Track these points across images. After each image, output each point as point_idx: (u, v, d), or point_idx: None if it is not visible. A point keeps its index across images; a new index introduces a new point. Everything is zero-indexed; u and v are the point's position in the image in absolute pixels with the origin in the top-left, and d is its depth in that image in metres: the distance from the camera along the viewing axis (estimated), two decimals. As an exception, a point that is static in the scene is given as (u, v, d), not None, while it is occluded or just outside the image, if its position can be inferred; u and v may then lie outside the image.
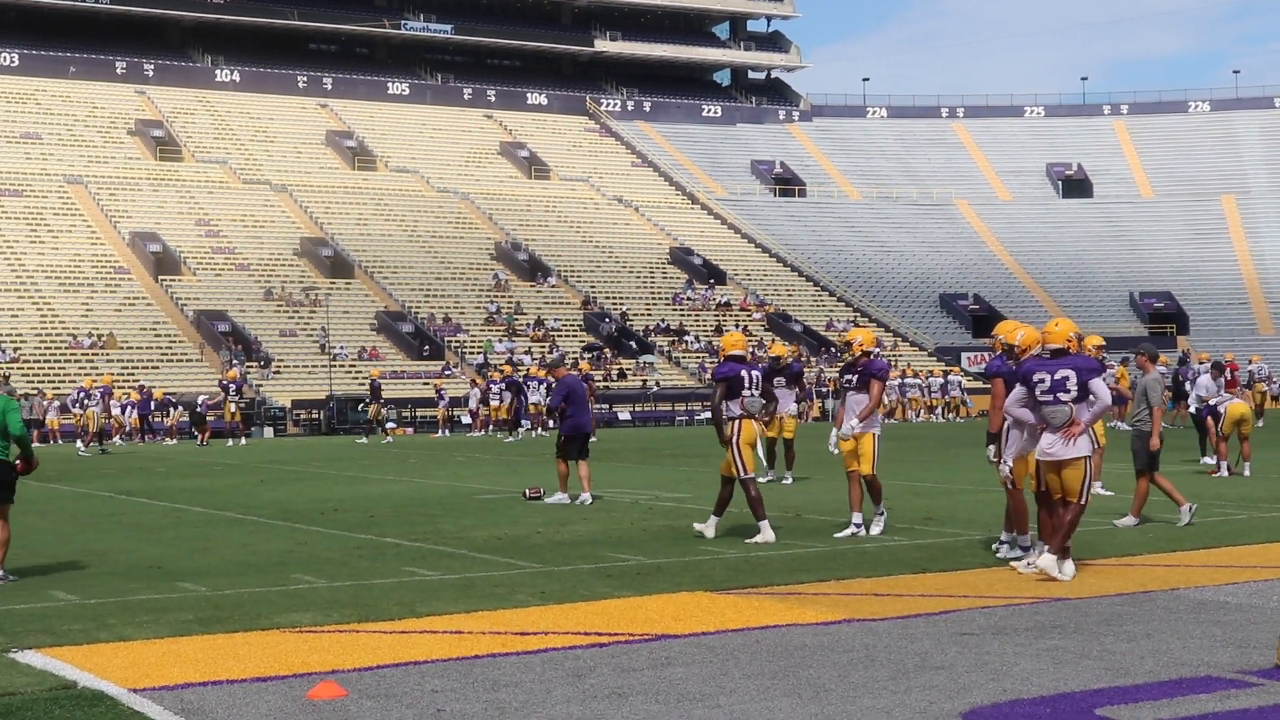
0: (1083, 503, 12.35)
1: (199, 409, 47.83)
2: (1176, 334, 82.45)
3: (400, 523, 18.08)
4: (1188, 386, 38.16)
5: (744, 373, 15.39)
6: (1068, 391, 12.24)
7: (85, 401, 44.75)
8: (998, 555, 13.69)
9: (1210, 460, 26.02)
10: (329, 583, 12.66)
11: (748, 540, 15.27)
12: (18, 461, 13.38)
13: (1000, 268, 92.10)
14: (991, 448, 13.66)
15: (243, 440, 47.59)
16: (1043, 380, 12.36)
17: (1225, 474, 23.83)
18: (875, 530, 15.78)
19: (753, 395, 15.38)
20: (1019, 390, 12.63)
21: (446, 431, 50.99)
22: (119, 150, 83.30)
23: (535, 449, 38.19)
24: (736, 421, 15.41)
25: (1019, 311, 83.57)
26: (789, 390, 23.70)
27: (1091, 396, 12.31)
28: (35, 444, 48.66)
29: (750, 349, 18.49)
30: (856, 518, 15.81)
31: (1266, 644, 9.13)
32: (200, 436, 47.37)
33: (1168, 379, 44.85)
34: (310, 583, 12.68)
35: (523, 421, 48.14)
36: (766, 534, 15.22)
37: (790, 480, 23.35)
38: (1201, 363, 32.64)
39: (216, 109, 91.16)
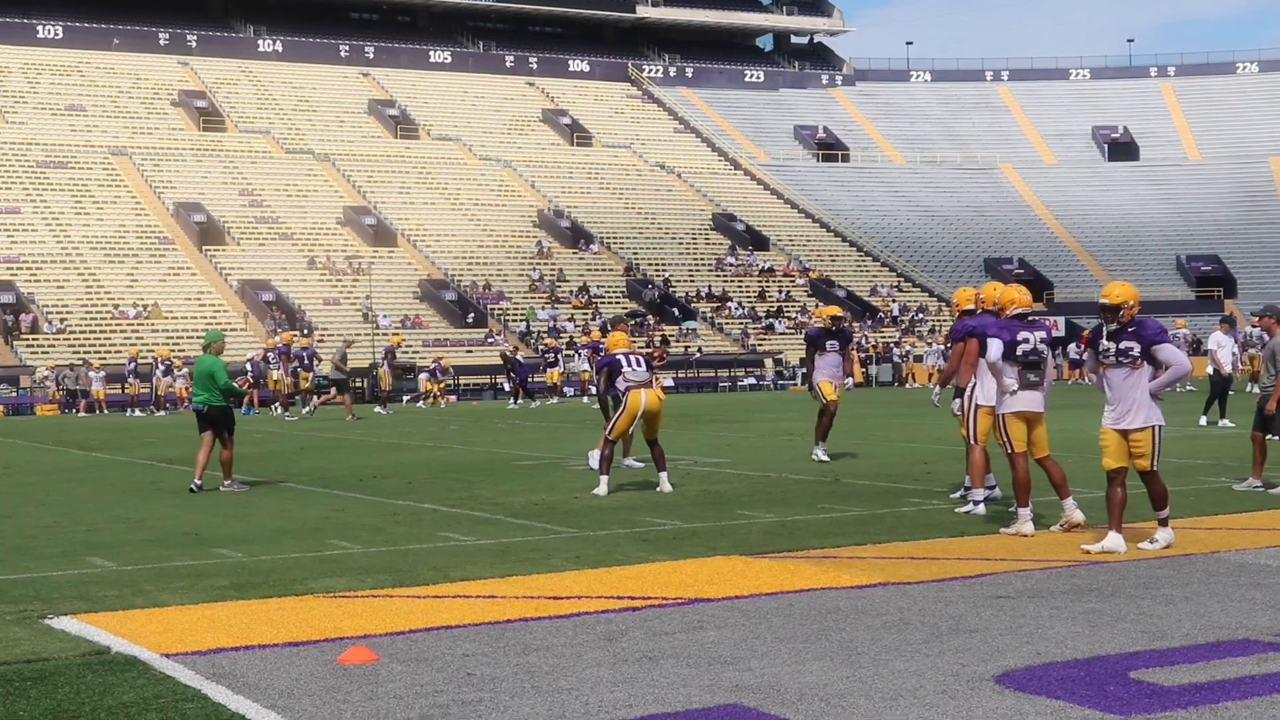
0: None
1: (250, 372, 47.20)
2: (1224, 297, 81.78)
3: (438, 489, 18.10)
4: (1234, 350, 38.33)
5: (621, 357, 17.52)
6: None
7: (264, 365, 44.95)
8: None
9: (1204, 421, 27.46)
10: (364, 548, 12.67)
11: (593, 492, 16.82)
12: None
13: (1045, 232, 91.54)
14: (957, 401, 14.58)
15: (277, 409, 47.56)
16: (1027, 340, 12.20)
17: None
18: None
19: (634, 370, 17.37)
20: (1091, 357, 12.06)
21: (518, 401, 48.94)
22: (162, 121, 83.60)
23: (576, 415, 38.22)
24: (627, 393, 17.29)
25: (1063, 276, 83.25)
26: (839, 355, 21.37)
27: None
28: (82, 413, 49.19)
29: (633, 343, 18.97)
30: (978, 494, 14.64)
31: (1306, 606, 9.03)
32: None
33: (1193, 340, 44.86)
34: (346, 548, 12.70)
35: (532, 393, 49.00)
36: (601, 489, 16.88)
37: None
38: (1254, 326, 32.66)
39: (259, 79, 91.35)
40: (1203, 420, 27.41)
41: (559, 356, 53.49)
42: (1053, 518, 13.22)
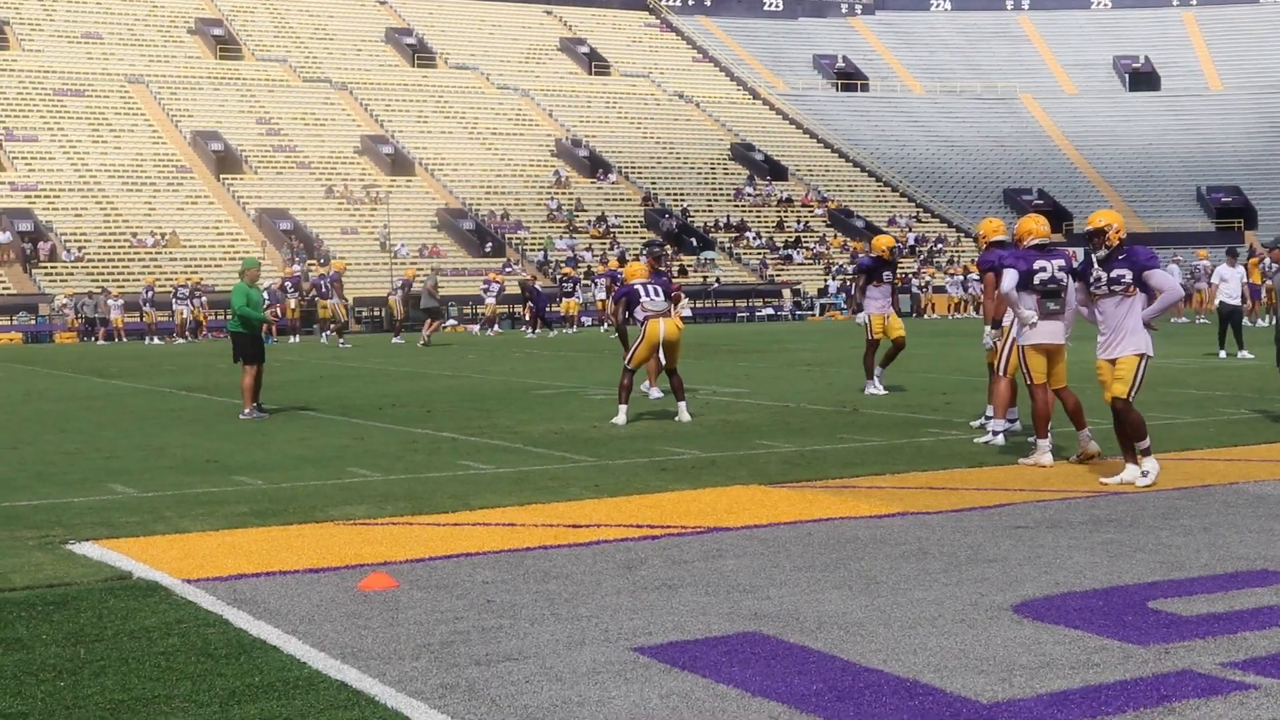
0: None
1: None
2: (1244, 228, 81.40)
3: (457, 418, 18.14)
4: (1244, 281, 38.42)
5: (639, 287, 17.70)
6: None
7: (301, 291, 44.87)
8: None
9: (1224, 354, 27.11)
10: (384, 476, 12.72)
11: (612, 421, 17.03)
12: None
13: (1065, 162, 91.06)
14: (995, 331, 14.57)
15: (295, 338, 47.66)
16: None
17: None
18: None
19: (653, 299, 17.55)
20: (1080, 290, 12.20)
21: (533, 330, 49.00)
22: (179, 49, 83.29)
23: (594, 345, 38.24)
24: (646, 322, 17.46)
25: (1084, 205, 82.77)
26: (890, 286, 20.57)
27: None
28: (101, 341, 49.34)
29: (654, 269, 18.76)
30: (999, 424, 14.52)
31: (1325, 537, 9.03)
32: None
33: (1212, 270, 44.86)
34: (365, 476, 12.74)
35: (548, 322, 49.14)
36: (619, 418, 17.06)
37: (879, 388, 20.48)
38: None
39: (276, 7, 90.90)
40: (1221, 354, 27.33)
41: (576, 286, 53.46)
42: (1072, 449, 13.20)
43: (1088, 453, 12.81)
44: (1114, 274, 11.70)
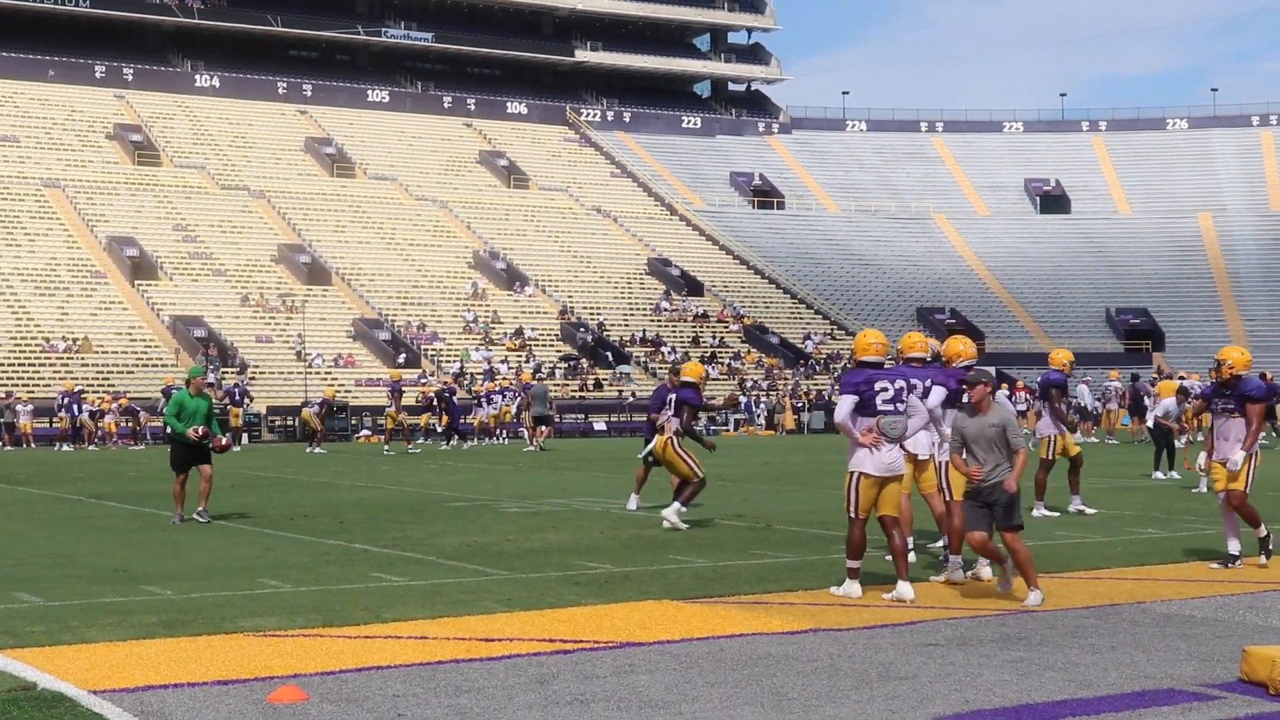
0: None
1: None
2: (1152, 350, 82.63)
3: (369, 529, 18.04)
4: (1146, 401, 38.81)
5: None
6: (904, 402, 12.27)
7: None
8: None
9: (1161, 475, 26.86)
10: (295, 587, 12.62)
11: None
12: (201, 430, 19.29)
13: (977, 282, 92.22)
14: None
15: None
16: (885, 389, 12.14)
17: (1204, 489, 23.64)
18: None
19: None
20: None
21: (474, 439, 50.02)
22: (97, 154, 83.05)
23: (509, 457, 38.20)
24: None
25: (995, 326, 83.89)
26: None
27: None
28: (9, 447, 48.64)
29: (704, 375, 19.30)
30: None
31: (1230, 657, 9.15)
32: None
33: (1124, 393, 45.42)
34: (276, 587, 12.64)
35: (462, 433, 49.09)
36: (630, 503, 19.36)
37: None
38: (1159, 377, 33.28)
39: (195, 114, 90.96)
40: (1159, 474, 27.18)
41: (487, 399, 53.39)
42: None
43: (952, 580, 12.84)
44: None
